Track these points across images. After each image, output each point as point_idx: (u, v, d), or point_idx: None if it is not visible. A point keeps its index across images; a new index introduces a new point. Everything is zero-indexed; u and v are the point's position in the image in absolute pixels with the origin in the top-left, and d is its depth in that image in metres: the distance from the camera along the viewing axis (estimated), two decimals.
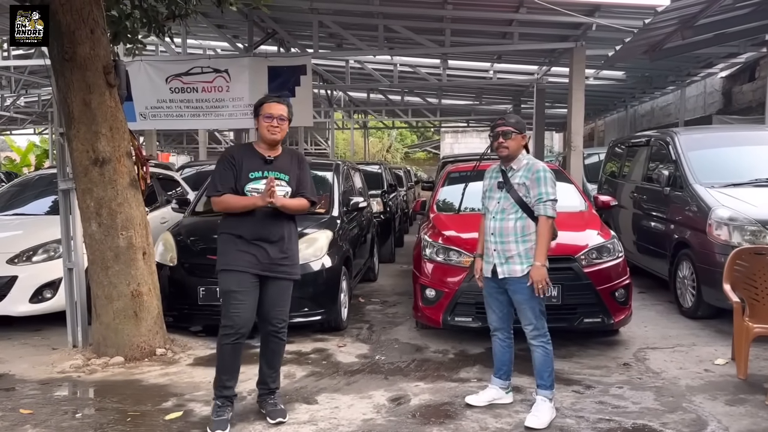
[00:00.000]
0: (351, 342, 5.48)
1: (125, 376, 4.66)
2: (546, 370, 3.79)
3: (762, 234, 5.50)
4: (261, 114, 3.68)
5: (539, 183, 3.76)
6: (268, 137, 3.69)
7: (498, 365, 4.05)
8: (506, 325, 3.99)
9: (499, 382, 4.05)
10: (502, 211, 3.85)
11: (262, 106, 3.70)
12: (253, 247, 3.65)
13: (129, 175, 5.08)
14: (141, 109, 10.32)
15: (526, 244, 3.77)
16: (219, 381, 3.71)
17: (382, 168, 12.21)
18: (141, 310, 5.07)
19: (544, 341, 3.79)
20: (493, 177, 4.01)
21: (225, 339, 3.66)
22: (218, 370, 3.72)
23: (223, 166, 3.71)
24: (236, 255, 3.64)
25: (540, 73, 13.73)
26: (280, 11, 10.48)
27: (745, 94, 12.15)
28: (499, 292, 3.91)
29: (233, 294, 3.63)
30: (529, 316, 3.78)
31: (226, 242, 3.70)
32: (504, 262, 3.79)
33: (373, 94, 20.19)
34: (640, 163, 8.13)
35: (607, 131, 21.91)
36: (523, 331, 3.84)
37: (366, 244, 7.77)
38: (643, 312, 6.22)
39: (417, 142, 42.14)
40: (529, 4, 8.77)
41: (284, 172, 3.73)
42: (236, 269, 3.64)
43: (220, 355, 3.71)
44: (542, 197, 3.75)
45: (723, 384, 4.32)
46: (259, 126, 3.69)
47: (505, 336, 4.00)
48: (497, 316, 3.98)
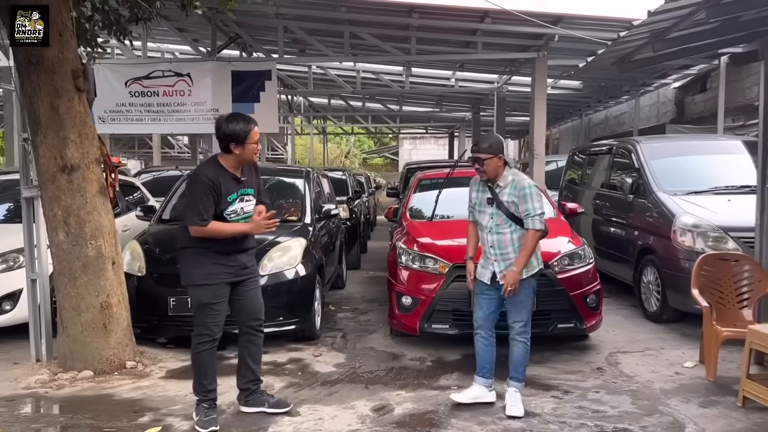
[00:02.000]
0: (327, 351, 5.43)
1: (95, 391, 4.50)
2: (523, 364, 4.09)
3: (724, 240, 5.72)
4: (249, 141, 3.73)
5: (526, 199, 3.97)
6: (254, 160, 3.86)
7: (481, 363, 4.19)
8: (489, 324, 4.16)
9: (483, 381, 4.18)
10: (496, 226, 4.06)
11: (250, 133, 3.73)
12: (226, 258, 3.78)
13: (98, 182, 4.93)
14: (100, 113, 10.04)
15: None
16: (201, 386, 3.84)
17: (347, 174, 12.18)
18: (110, 322, 4.91)
19: (527, 338, 4.07)
20: (480, 191, 4.17)
21: (202, 347, 3.80)
22: (199, 376, 3.85)
23: (204, 191, 3.68)
24: (211, 268, 3.74)
25: (500, 82, 13.95)
26: (244, 16, 10.35)
27: (697, 105, 12.62)
28: (491, 291, 4.09)
29: (211, 306, 3.77)
30: (523, 314, 4.03)
31: (198, 255, 3.76)
32: (503, 269, 4.00)
33: (334, 99, 20.14)
34: (601, 170, 8.35)
35: (562, 139, 22.42)
36: (509, 328, 4.07)
37: (335, 251, 7.73)
38: (609, 316, 6.36)
39: (375, 148, 42.24)
40: (494, 15, 8.91)
41: (251, 187, 3.89)
42: (213, 282, 3.75)
43: (199, 362, 3.84)
44: (530, 212, 3.95)
45: (695, 386, 4.46)
46: (245, 151, 3.74)
47: (488, 335, 4.16)
48: (483, 314, 4.14)
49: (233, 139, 3.71)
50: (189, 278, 3.81)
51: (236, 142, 3.71)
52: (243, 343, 4.03)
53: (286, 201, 7.00)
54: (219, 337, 3.85)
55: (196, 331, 3.81)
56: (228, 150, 3.76)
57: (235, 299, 3.90)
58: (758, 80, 5.79)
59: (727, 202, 6.16)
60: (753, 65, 9.61)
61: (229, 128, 3.71)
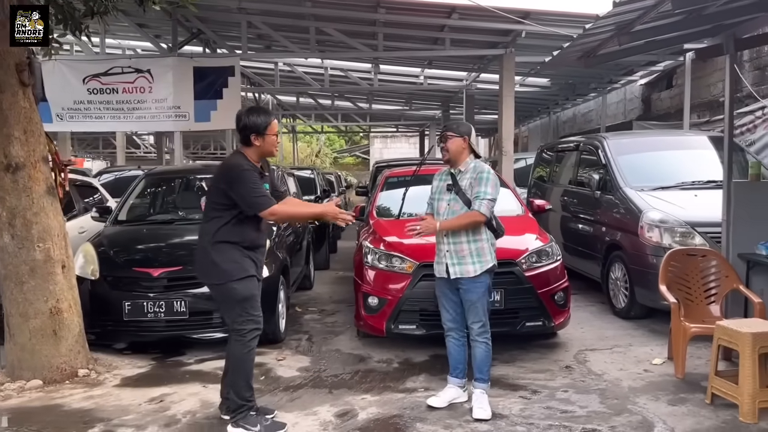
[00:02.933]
0: (291, 354, 5.26)
1: (44, 402, 4.27)
2: (486, 364, 4.01)
3: (691, 235, 5.70)
4: (268, 133, 3.71)
5: (481, 182, 3.92)
6: (274, 154, 3.88)
7: (454, 364, 4.14)
8: (460, 325, 4.09)
9: (456, 381, 4.13)
10: (452, 212, 3.97)
11: (270, 124, 3.72)
12: (252, 254, 3.76)
13: (46, 182, 4.68)
14: (57, 110, 9.72)
15: (477, 244, 3.92)
16: (249, 389, 3.71)
17: (315, 173, 12.00)
18: (61, 329, 4.68)
19: (487, 337, 3.99)
20: (443, 179, 4.13)
21: (254, 342, 3.70)
22: (249, 379, 3.71)
23: (256, 178, 3.66)
24: (246, 262, 3.70)
25: (469, 80, 13.90)
26: (206, 10, 10.09)
27: (663, 101, 12.73)
28: (453, 292, 4.02)
29: (254, 297, 3.71)
30: (479, 314, 3.94)
31: (230, 251, 3.67)
32: (457, 263, 3.91)
33: (302, 97, 19.91)
34: (569, 167, 8.33)
35: (531, 137, 22.52)
36: (469, 329, 4.01)
37: (302, 252, 7.56)
38: (578, 313, 6.30)
39: (346, 147, 42.05)
40: (462, 11, 8.83)
41: (268, 183, 3.86)
42: (252, 274, 3.73)
43: (250, 360, 3.72)
44: (480, 195, 3.90)
45: (663, 384, 4.41)
46: (265, 142, 3.71)
47: (460, 335, 4.10)
48: (451, 316, 4.07)
49: (254, 130, 3.68)
50: (227, 275, 3.64)
51: (257, 133, 3.68)
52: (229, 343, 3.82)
53: None
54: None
55: (245, 327, 3.66)
56: (249, 142, 3.71)
57: None
58: (723, 76, 5.80)
59: (694, 197, 6.15)
60: (718, 61, 9.72)
61: (250, 120, 3.69)
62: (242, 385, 3.68)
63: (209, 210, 3.77)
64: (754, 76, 9.50)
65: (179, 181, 7.37)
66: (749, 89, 9.02)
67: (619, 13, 4.25)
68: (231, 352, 3.73)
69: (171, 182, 7.34)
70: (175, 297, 5.07)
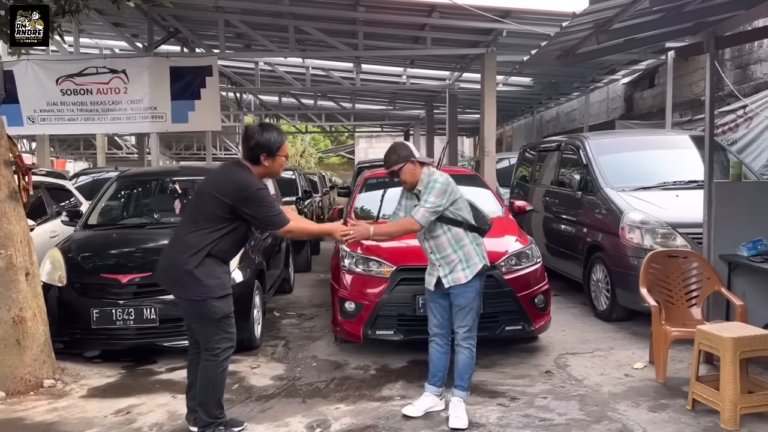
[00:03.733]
0: (265, 362, 5.12)
1: (5, 414, 4.12)
2: (468, 371, 3.91)
3: (672, 236, 5.63)
4: (279, 154, 3.58)
5: (428, 191, 3.86)
6: (279, 173, 3.79)
7: (434, 371, 4.03)
8: (445, 331, 4.01)
9: (434, 389, 4.03)
10: (429, 230, 3.92)
11: (283, 146, 3.59)
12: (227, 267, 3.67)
13: (8, 186, 4.52)
14: (29, 112, 9.48)
15: (463, 249, 3.88)
16: (220, 407, 3.59)
17: (296, 173, 11.84)
18: (25, 338, 4.52)
19: (472, 343, 3.90)
20: (409, 197, 4.09)
21: (227, 361, 3.61)
22: (219, 396, 3.60)
23: (270, 197, 3.63)
24: (225, 277, 3.62)
25: (452, 79, 13.81)
26: (182, 9, 9.92)
27: (646, 100, 12.71)
28: (443, 297, 3.96)
29: (231, 315, 3.62)
30: (468, 319, 3.86)
31: (214, 266, 3.53)
32: (449, 272, 3.87)
33: (285, 97, 19.72)
34: (551, 167, 8.25)
35: (515, 136, 22.49)
36: (454, 333, 3.93)
37: (280, 254, 7.42)
38: (559, 315, 6.23)
39: (331, 147, 41.85)
40: (442, 9, 8.72)
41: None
42: (230, 292, 3.64)
43: (222, 380, 3.61)
44: (422, 203, 3.83)
45: (644, 389, 4.33)
46: (274, 163, 3.59)
47: (444, 342, 4.02)
48: (438, 321, 4.01)
49: (266, 150, 3.51)
50: (209, 291, 3.47)
51: (268, 153, 3.52)
52: (197, 363, 3.65)
53: None
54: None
55: (219, 346, 3.53)
56: (257, 161, 3.53)
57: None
58: (705, 75, 5.73)
59: (675, 197, 6.08)
60: (700, 60, 9.69)
61: (264, 138, 3.50)
62: (212, 404, 3.56)
63: (199, 220, 3.52)
64: (735, 75, 9.48)
65: (153, 184, 7.20)
66: (731, 88, 9.01)
67: (596, 11, 4.16)
68: (203, 370, 3.55)
69: (145, 185, 7.18)
70: (144, 304, 4.92)
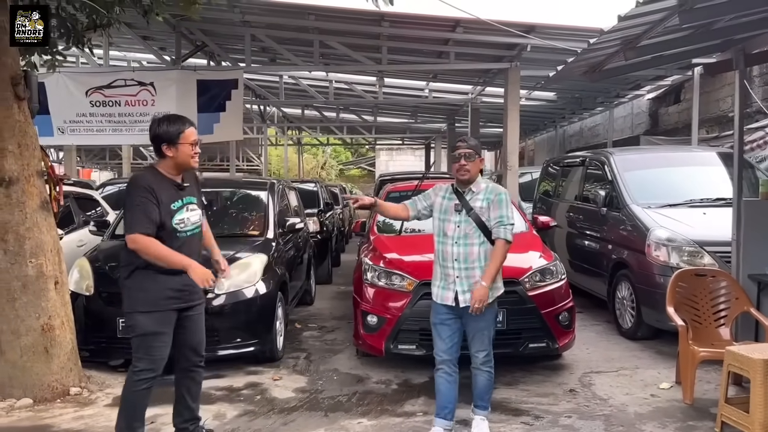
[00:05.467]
0: (287, 374, 5.14)
1: (33, 422, 4.17)
2: (488, 393, 3.83)
3: (699, 254, 5.55)
4: (182, 142, 3.41)
5: (501, 205, 3.67)
6: (192, 165, 3.53)
7: (443, 404, 3.77)
8: (453, 357, 3.78)
9: (444, 423, 3.77)
10: (464, 236, 3.69)
11: (183, 133, 3.41)
12: (174, 280, 3.38)
13: (40, 196, 4.61)
14: (59, 123, 9.68)
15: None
16: (129, 429, 3.41)
17: (318, 186, 11.91)
18: (53, 346, 4.58)
19: (491, 366, 3.78)
20: (448, 198, 3.81)
21: (143, 384, 3.38)
22: (128, 418, 3.41)
23: (145, 198, 3.32)
24: (158, 292, 3.38)
25: (474, 93, 13.82)
26: (210, 23, 10.08)
27: (671, 116, 12.60)
28: (453, 318, 3.72)
29: (158, 336, 3.39)
30: (485, 342, 3.71)
31: (145, 278, 3.37)
32: (468, 289, 3.64)
33: (307, 110, 19.89)
34: (575, 182, 8.20)
35: (537, 151, 22.42)
36: (472, 357, 3.77)
37: (302, 266, 7.45)
38: (583, 333, 6.17)
39: (352, 159, 42.01)
40: (466, 24, 8.76)
41: (193, 195, 3.59)
42: (161, 309, 3.39)
43: (133, 401, 3.41)
44: (503, 220, 3.65)
45: (671, 410, 4.26)
46: (178, 152, 3.42)
47: (452, 370, 3.76)
48: (446, 346, 3.75)
49: (165, 139, 3.39)
50: (132, 303, 3.37)
51: (168, 143, 3.39)
52: (181, 379, 3.61)
53: (249, 214, 6.72)
54: (160, 374, 3.43)
55: (137, 365, 3.37)
56: (161, 153, 3.44)
57: (180, 330, 3.49)
58: (732, 91, 5.67)
59: (703, 215, 6.01)
60: (727, 76, 9.59)
61: (160, 128, 3.41)
62: (122, 426, 3.42)
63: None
64: (764, 92, 9.37)
65: None
66: (759, 105, 8.89)
67: (624, 28, 4.15)
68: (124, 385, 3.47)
69: None
70: None
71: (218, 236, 5.79)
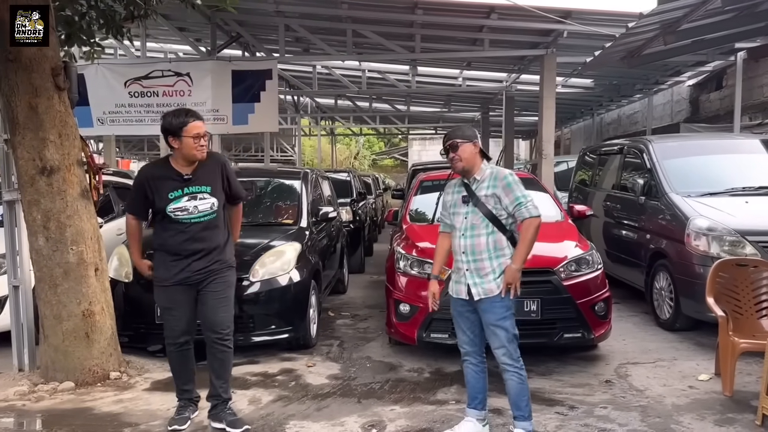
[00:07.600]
0: (321, 361, 5.19)
1: (75, 404, 4.29)
2: (522, 399, 3.52)
3: (741, 244, 5.40)
4: (185, 135, 3.59)
5: (511, 188, 3.51)
6: (197, 157, 3.66)
7: (472, 394, 3.70)
8: (478, 348, 3.67)
9: (475, 413, 3.70)
10: (471, 227, 3.56)
11: (185, 127, 3.59)
12: (183, 261, 3.68)
13: (80, 185, 4.72)
14: (99, 114, 9.91)
15: (499, 260, 3.51)
16: (176, 385, 3.98)
17: (351, 176, 11.94)
18: (93, 331, 4.71)
19: (517, 367, 3.50)
20: (456, 191, 3.71)
21: (169, 348, 3.89)
22: (173, 375, 3.99)
23: (136, 187, 3.79)
24: (164, 270, 3.73)
25: (509, 81, 13.66)
26: (244, 14, 10.16)
27: (713, 103, 12.25)
28: (470, 310, 3.61)
29: (168, 310, 3.82)
30: (501, 338, 3.48)
31: (158, 259, 3.79)
32: (478, 282, 3.51)
33: (340, 100, 19.93)
34: (612, 171, 8.05)
35: (573, 139, 22.06)
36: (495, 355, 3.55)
37: (335, 255, 7.49)
38: (620, 324, 6.06)
39: (384, 149, 42.01)
40: (501, 10, 8.65)
41: (206, 184, 3.71)
42: (164, 284, 3.74)
43: (170, 362, 3.95)
44: (520, 200, 3.48)
45: (709, 402, 4.16)
46: (183, 146, 3.61)
47: (478, 360, 3.67)
48: (468, 338, 3.66)
49: (170, 132, 3.61)
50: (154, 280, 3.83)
51: (173, 135, 3.61)
52: (209, 354, 3.82)
53: (283, 203, 6.78)
54: (183, 342, 3.82)
55: (164, 332, 3.86)
56: (169, 145, 3.68)
57: (199, 305, 3.79)
58: None
59: (745, 204, 5.84)
60: None
61: (165, 122, 3.64)
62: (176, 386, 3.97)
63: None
64: None
65: None
66: None
67: (663, 11, 4.04)
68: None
69: None
70: None
71: (253, 224, 6.00)
